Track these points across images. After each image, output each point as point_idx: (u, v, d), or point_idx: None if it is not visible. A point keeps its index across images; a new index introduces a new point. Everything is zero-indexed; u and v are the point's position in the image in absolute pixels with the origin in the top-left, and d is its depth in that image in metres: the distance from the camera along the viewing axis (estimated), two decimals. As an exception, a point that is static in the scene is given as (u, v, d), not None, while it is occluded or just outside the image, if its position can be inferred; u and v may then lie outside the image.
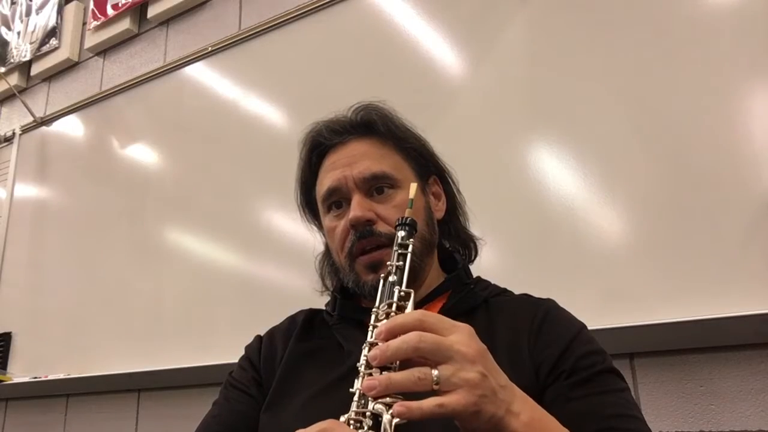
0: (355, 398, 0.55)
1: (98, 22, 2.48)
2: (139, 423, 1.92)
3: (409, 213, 0.71)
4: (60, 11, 2.65)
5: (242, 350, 0.90)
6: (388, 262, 0.67)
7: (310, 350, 0.83)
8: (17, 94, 2.64)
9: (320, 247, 0.94)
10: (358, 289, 0.81)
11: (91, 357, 2.00)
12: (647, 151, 1.25)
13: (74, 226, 2.26)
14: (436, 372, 0.51)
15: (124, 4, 2.40)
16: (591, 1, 1.40)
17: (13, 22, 2.84)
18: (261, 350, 0.86)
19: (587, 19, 1.40)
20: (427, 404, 0.50)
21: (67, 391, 2.14)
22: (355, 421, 0.53)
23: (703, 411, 1.14)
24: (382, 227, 0.78)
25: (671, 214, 1.19)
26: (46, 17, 2.69)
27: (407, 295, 0.64)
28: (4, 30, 2.86)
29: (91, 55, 2.56)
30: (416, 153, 0.85)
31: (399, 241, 0.69)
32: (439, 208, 0.88)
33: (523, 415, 0.55)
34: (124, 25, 2.41)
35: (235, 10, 2.11)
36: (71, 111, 2.45)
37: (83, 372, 1.95)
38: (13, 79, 2.74)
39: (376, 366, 0.55)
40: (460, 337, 0.54)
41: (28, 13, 2.78)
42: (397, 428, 0.52)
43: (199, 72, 2.09)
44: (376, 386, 0.52)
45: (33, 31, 2.72)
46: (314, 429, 0.51)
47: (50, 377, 2.03)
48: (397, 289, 0.64)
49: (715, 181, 1.17)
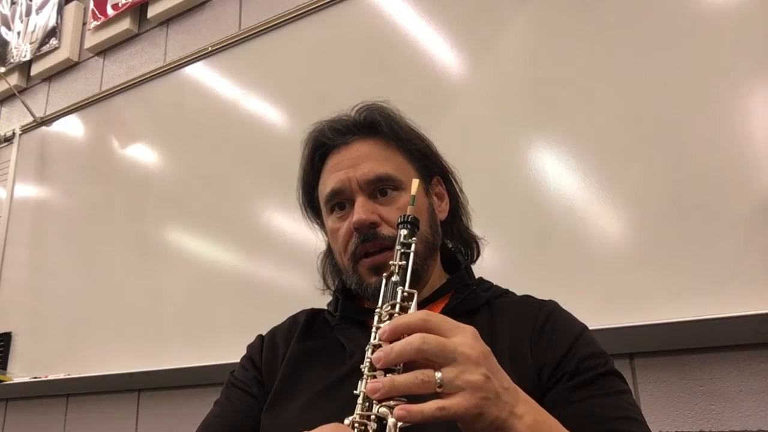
0: (359, 401, 0.55)
1: (98, 22, 2.48)
2: (139, 423, 1.92)
3: (411, 210, 0.70)
4: (60, 11, 2.65)
5: (242, 350, 0.90)
6: (391, 262, 0.66)
7: (312, 350, 0.83)
8: (17, 94, 2.64)
9: (321, 247, 0.94)
10: (361, 292, 0.81)
11: (91, 357, 2.00)
12: (647, 151, 1.25)
13: (74, 226, 2.26)
14: (439, 374, 0.51)
15: (124, 4, 2.40)
16: (591, 1, 1.40)
17: (13, 22, 2.84)
18: (263, 350, 0.86)
19: (587, 19, 1.40)
20: (428, 407, 0.50)
21: (67, 391, 2.14)
22: (360, 424, 0.53)
23: (703, 411, 1.14)
24: (385, 230, 0.78)
25: (671, 214, 1.19)
26: (46, 17, 2.69)
27: (410, 295, 0.63)
28: (4, 30, 2.86)
29: (91, 55, 2.56)
30: (420, 153, 0.85)
31: (401, 240, 0.68)
32: (442, 209, 0.88)
33: (526, 418, 0.55)
34: (124, 25, 2.40)
35: (235, 10, 2.11)
36: (71, 111, 2.45)
37: (83, 372, 1.95)
38: (13, 79, 2.74)
39: (379, 368, 0.55)
40: (464, 339, 0.54)
41: (28, 13, 2.77)
42: (401, 431, 0.52)
43: (199, 72, 2.09)
44: (380, 389, 0.52)
45: (33, 31, 2.72)
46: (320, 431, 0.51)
47: (50, 377, 2.03)
48: (400, 289, 0.63)
49: (715, 181, 1.17)
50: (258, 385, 0.83)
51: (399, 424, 0.51)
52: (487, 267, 0.92)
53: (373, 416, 0.53)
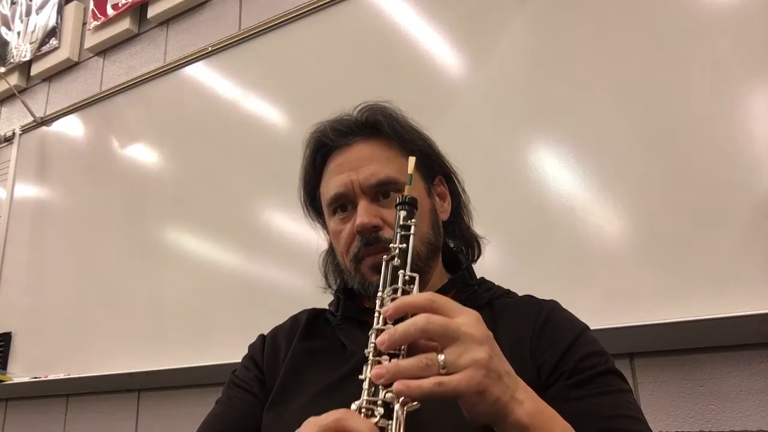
0: (365, 386, 0.55)
1: (98, 22, 2.48)
2: (139, 423, 1.92)
3: (408, 190, 0.69)
4: (60, 11, 2.65)
5: (242, 350, 0.90)
6: (391, 245, 0.65)
7: (314, 350, 0.83)
8: (17, 94, 2.64)
9: (322, 246, 0.94)
10: (363, 291, 0.81)
11: (91, 357, 2.00)
12: (647, 151, 1.25)
13: (74, 226, 2.26)
14: (442, 357, 0.52)
15: (124, 4, 2.40)
16: (591, 1, 1.40)
17: (13, 22, 2.84)
18: (264, 349, 0.86)
19: (587, 19, 1.40)
20: (427, 383, 0.51)
21: (67, 391, 2.14)
22: (367, 409, 0.53)
23: (703, 411, 1.15)
24: (388, 233, 0.77)
25: (671, 214, 1.20)
26: (46, 17, 2.69)
27: (412, 279, 0.63)
28: (4, 30, 2.86)
29: (91, 55, 2.56)
30: (422, 154, 0.85)
31: (400, 222, 0.67)
32: (445, 209, 0.88)
33: (527, 404, 0.55)
34: (124, 25, 2.40)
35: (235, 10, 2.11)
36: (71, 111, 2.45)
37: (83, 372, 1.95)
38: (13, 79, 2.74)
39: (384, 350, 0.55)
40: (468, 320, 0.54)
41: (28, 13, 2.77)
42: (409, 416, 0.52)
43: (199, 72, 2.09)
44: (384, 374, 0.52)
45: (33, 31, 2.72)
46: (328, 417, 0.52)
47: (50, 377, 2.03)
48: (401, 273, 0.63)
49: (715, 181, 1.17)
50: (259, 384, 0.83)
51: (405, 408, 0.51)
52: (487, 267, 0.92)
53: (379, 401, 0.53)
